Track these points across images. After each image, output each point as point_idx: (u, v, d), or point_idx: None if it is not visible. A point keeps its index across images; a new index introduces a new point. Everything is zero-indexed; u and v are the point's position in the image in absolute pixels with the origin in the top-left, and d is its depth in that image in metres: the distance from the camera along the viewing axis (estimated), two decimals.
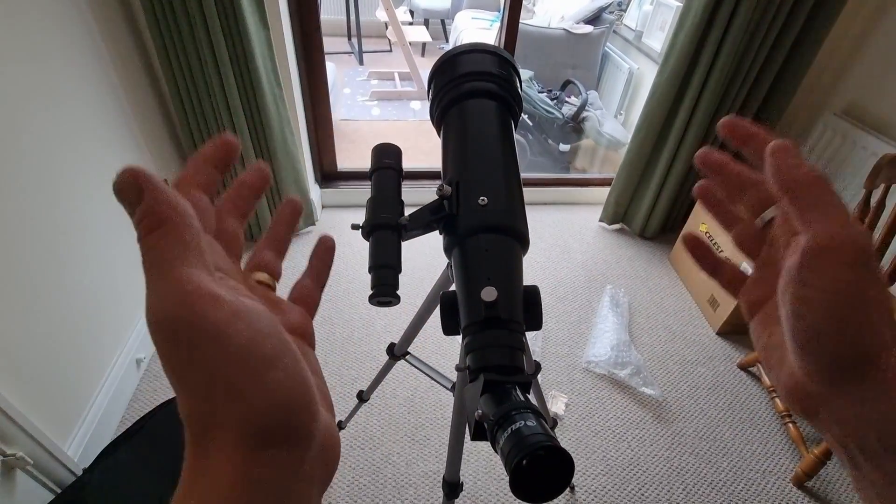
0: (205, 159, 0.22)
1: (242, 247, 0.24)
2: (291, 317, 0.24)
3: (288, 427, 0.17)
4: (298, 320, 0.24)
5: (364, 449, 1.30)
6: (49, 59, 1.09)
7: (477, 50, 0.45)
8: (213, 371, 0.16)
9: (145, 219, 0.17)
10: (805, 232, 0.20)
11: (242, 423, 0.16)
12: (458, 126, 0.42)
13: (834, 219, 0.20)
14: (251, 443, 0.16)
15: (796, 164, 0.22)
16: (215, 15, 1.34)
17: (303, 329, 0.24)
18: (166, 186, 0.18)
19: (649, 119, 1.81)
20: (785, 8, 1.55)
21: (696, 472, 1.31)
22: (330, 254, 0.28)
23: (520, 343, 0.32)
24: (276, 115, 1.62)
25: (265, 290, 0.24)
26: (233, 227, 0.24)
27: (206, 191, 0.22)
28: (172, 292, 0.16)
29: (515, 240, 0.35)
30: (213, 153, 0.22)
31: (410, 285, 1.73)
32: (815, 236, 0.20)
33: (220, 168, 0.23)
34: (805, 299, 0.20)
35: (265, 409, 0.16)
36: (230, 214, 0.24)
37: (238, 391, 0.16)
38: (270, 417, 0.16)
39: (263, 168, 0.25)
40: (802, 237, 0.20)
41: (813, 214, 0.20)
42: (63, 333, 1.11)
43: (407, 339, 0.84)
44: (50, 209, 1.07)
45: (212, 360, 0.16)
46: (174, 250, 0.16)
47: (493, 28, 3.56)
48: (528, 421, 0.26)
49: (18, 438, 0.96)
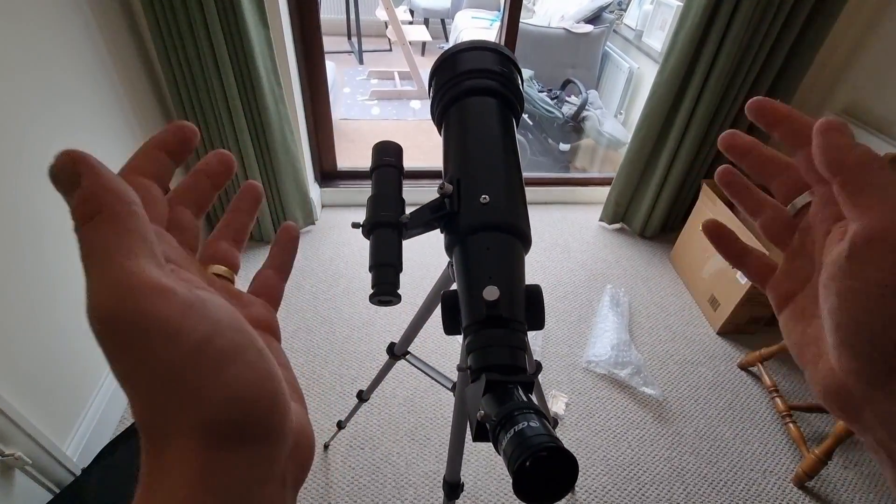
0: (156, 145, 0.20)
1: (198, 239, 0.23)
2: (253, 310, 0.22)
3: (252, 424, 0.15)
4: (261, 313, 0.23)
5: (364, 449, 1.29)
6: (48, 56, 1.09)
7: (478, 47, 0.44)
8: (165, 372, 0.14)
9: (81, 206, 0.15)
10: (855, 219, 0.19)
11: (200, 425, 0.15)
12: (459, 124, 0.42)
13: (889, 205, 0.18)
14: (211, 444, 0.15)
15: (848, 145, 0.20)
16: (215, 13, 1.33)
17: (266, 322, 0.22)
18: (108, 171, 0.16)
19: (649, 118, 1.81)
20: (785, 7, 1.55)
21: (696, 472, 1.31)
22: (293, 243, 0.26)
23: (522, 343, 0.32)
24: (276, 113, 1.62)
25: (224, 283, 0.23)
26: (188, 217, 0.22)
27: (156, 179, 0.20)
28: (115, 286, 0.14)
29: (517, 238, 0.35)
30: (166, 138, 0.21)
31: (411, 284, 1.73)
32: (868, 224, 0.18)
33: (174, 155, 0.21)
34: (853, 291, 0.19)
35: (223, 406, 0.15)
36: (185, 205, 0.22)
37: (193, 391, 0.14)
38: (230, 415, 0.15)
39: (225, 156, 0.24)
40: (853, 224, 0.19)
41: (865, 200, 0.19)
42: (62, 333, 1.11)
43: (407, 339, 0.84)
44: (48, 209, 1.07)
45: (163, 360, 0.14)
46: (116, 240, 0.15)
47: (494, 27, 3.56)
48: (530, 422, 0.26)
49: (17, 438, 0.95)
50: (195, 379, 0.14)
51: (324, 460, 1.26)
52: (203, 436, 0.15)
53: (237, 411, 0.15)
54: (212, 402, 0.15)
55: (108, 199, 0.15)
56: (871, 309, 0.18)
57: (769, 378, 1.47)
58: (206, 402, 0.15)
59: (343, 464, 1.26)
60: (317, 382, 1.44)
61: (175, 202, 0.22)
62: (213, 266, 0.23)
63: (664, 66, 1.70)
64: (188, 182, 0.23)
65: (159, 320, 0.14)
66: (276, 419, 0.16)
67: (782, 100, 1.48)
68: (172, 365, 0.14)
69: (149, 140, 0.21)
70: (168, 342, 0.14)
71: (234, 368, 0.15)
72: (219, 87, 1.49)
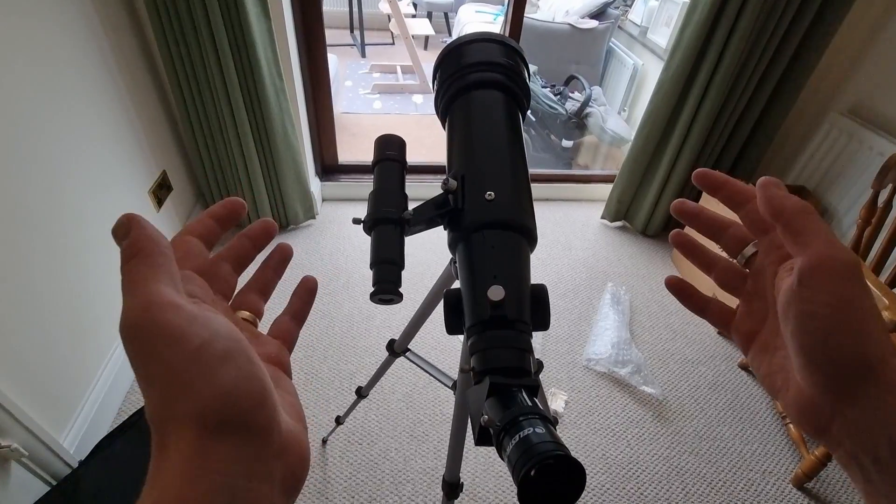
0: (208, 214, 0.27)
1: (233, 288, 0.28)
2: (268, 348, 0.26)
3: (241, 419, 0.18)
4: (275, 352, 0.26)
5: (362, 444, 1.29)
6: (47, 45, 1.07)
7: (484, 39, 0.43)
8: (172, 370, 0.17)
9: (126, 249, 0.20)
10: (800, 254, 0.23)
11: (196, 416, 0.17)
12: (463, 118, 0.41)
13: (824, 240, 0.22)
14: (204, 432, 0.17)
15: (784, 196, 0.25)
16: (216, 3, 1.32)
17: (278, 359, 0.26)
18: (151, 227, 0.21)
19: (653, 116, 1.79)
20: (792, 6, 1.53)
21: (695, 471, 1.31)
22: (311, 295, 0.30)
23: (528, 344, 0.31)
24: (277, 106, 1.60)
25: (247, 325, 0.27)
26: (226, 269, 0.27)
27: (202, 238, 0.26)
28: (139, 303, 0.18)
29: (523, 236, 0.34)
30: (217, 210, 0.27)
31: (412, 280, 1.72)
32: (810, 257, 0.22)
33: (222, 223, 0.27)
34: (809, 314, 0.22)
35: (217, 401, 0.17)
36: (227, 261, 0.28)
37: (192, 386, 0.17)
38: (222, 409, 0.17)
39: (268, 224, 0.29)
40: (799, 259, 0.23)
41: (805, 238, 0.23)
42: (60, 325, 1.10)
43: (407, 336, 0.83)
44: (50, 203, 1.06)
45: (171, 360, 0.17)
46: (146, 271, 0.19)
47: (497, 22, 3.53)
48: (536, 428, 0.25)
49: (13, 430, 0.95)
50: (194, 376, 0.17)
51: (322, 455, 1.26)
52: (197, 425, 0.17)
53: (227, 405, 0.18)
54: (206, 396, 0.17)
55: (145, 244, 0.20)
56: (825, 327, 0.21)
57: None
58: (202, 395, 0.17)
59: (341, 459, 1.25)
60: (315, 377, 1.44)
61: (219, 258, 0.28)
62: (240, 311, 0.28)
63: (669, 63, 1.68)
64: (234, 243, 0.28)
65: (170, 327, 0.18)
66: (262, 417, 0.19)
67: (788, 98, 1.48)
68: (177, 363, 0.17)
69: (206, 210, 0.27)
70: (174, 344, 0.17)
71: (227, 369, 0.18)
72: (220, 79, 1.47)
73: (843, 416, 0.22)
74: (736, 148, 1.91)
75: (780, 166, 2.07)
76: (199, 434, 0.17)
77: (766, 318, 0.28)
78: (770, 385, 0.26)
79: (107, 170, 1.29)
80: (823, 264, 0.22)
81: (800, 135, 1.96)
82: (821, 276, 0.22)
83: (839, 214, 1.78)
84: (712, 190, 0.30)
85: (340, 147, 2.13)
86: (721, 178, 0.30)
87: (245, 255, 0.28)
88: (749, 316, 0.29)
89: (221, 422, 0.17)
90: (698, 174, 0.30)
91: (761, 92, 1.75)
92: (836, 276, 0.22)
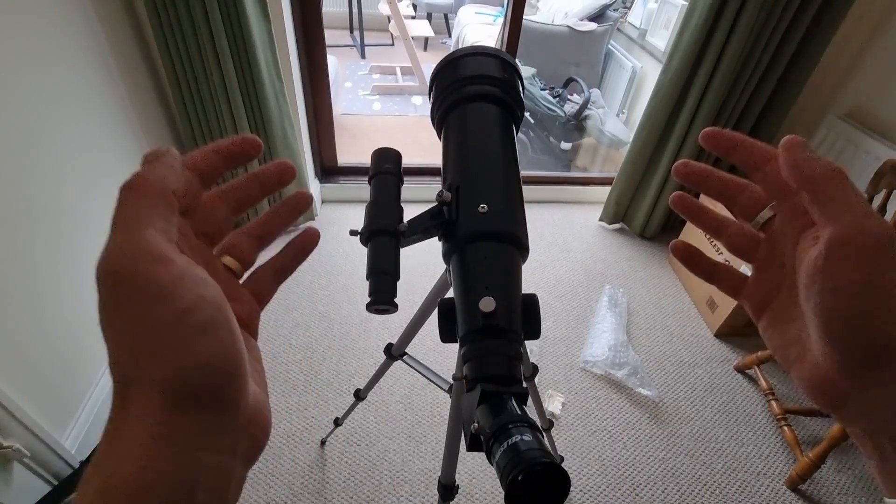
0: (215, 149, 0.23)
1: (223, 233, 0.25)
2: (244, 307, 0.24)
3: (212, 391, 0.17)
4: (247, 312, 0.24)
5: (360, 446, 1.30)
6: (48, 48, 1.08)
7: (479, 53, 0.44)
8: (148, 330, 0.16)
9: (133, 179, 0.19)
10: (827, 225, 0.21)
11: (166, 382, 0.16)
12: (458, 130, 0.42)
13: (855, 211, 0.20)
14: (171, 401, 0.16)
15: (812, 159, 0.22)
16: (216, 5, 1.32)
17: (248, 320, 0.24)
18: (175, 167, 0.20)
19: (652, 118, 1.81)
20: (791, 9, 1.54)
21: (690, 473, 1.32)
22: (305, 253, 0.27)
23: (518, 353, 0.32)
24: (277, 108, 1.61)
25: (227, 275, 0.24)
26: (219, 213, 0.24)
27: (201, 174, 0.23)
28: (128, 247, 0.17)
29: (515, 248, 0.35)
30: (223, 144, 0.23)
31: (409, 283, 1.73)
32: (838, 230, 0.20)
33: (227, 159, 0.23)
34: (833, 290, 0.20)
35: (191, 372, 0.17)
36: (226, 200, 0.24)
37: (167, 352, 0.16)
38: (194, 379, 0.17)
39: (284, 167, 0.25)
40: (826, 230, 0.21)
41: (834, 207, 0.21)
42: (61, 325, 1.11)
43: (404, 340, 0.84)
44: (51, 203, 1.07)
45: (149, 318, 0.16)
46: (143, 211, 0.18)
47: (497, 23, 3.54)
48: (524, 435, 0.26)
49: (15, 430, 0.96)
50: (173, 340, 0.16)
51: (320, 456, 1.27)
52: (166, 392, 0.16)
53: (202, 378, 0.17)
54: (179, 365, 0.16)
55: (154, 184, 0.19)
56: (851, 305, 0.20)
57: (765, 381, 1.47)
58: (175, 363, 0.16)
59: (339, 460, 1.26)
60: (315, 378, 1.45)
61: (217, 196, 0.24)
62: (224, 257, 0.24)
63: (668, 65, 1.69)
64: (238, 182, 0.25)
65: (155, 284, 0.16)
66: (232, 392, 0.18)
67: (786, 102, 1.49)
68: (157, 323, 0.16)
69: (213, 142, 0.24)
70: (158, 303, 0.16)
71: (206, 339, 0.17)
72: (219, 81, 1.48)
73: (861, 394, 0.21)
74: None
75: None
76: (165, 403, 0.16)
77: (782, 287, 0.26)
78: (783, 357, 0.25)
79: (107, 171, 1.29)
80: (853, 238, 0.20)
81: None
82: (849, 251, 0.20)
83: None
84: (725, 152, 0.27)
85: (340, 148, 2.14)
86: (735, 136, 0.26)
87: (247, 198, 0.25)
88: (762, 283, 0.27)
89: (191, 393, 0.17)
90: (706, 134, 0.27)
91: (759, 95, 1.76)
92: (866, 252, 0.20)
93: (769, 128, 1.86)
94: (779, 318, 0.26)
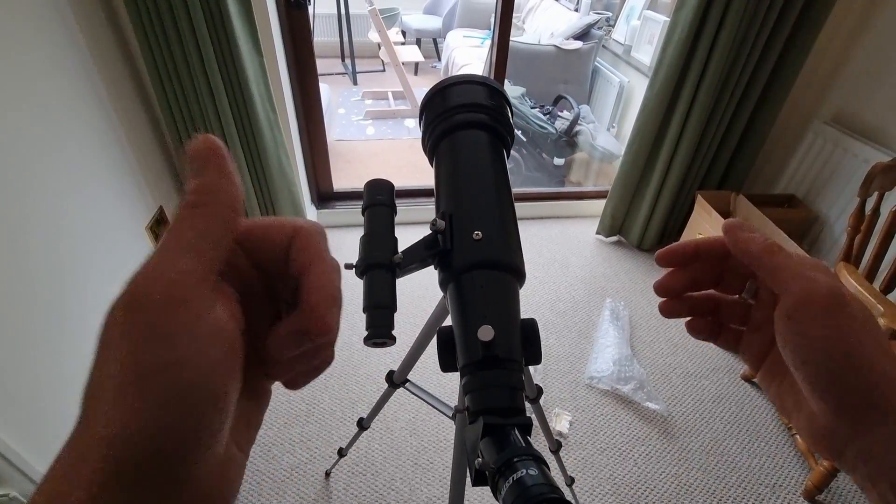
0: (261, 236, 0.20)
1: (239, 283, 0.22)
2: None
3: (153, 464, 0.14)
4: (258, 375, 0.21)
5: (366, 475, 1.27)
6: (44, 91, 1.10)
7: (468, 81, 0.45)
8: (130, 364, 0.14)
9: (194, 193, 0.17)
10: (781, 292, 0.23)
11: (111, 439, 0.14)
12: (449, 158, 0.42)
13: (798, 275, 0.23)
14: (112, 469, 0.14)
15: (749, 238, 0.25)
16: (209, 42, 1.35)
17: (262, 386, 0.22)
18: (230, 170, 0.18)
19: (642, 131, 1.83)
20: (770, 19, 1.58)
21: (704, 488, 1.29)
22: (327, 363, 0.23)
23: (519, 382, 0.31)
24: (271, 138, 1.63)
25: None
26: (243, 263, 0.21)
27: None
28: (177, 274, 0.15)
29: (511, 274, 0.35)
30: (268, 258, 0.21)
31: (409, 306, 1.72)
32: (791, 295, 0.23)
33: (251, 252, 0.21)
34: (806, 347, 0.22)
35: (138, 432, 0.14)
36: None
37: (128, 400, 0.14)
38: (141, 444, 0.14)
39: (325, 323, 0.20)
40: (783, 297, 0.23)
41: (784, 275, 0.23)
42: (58, 368, 1.09)
43: (405, 368, 0.83)
44: (49, 244, 1.07)
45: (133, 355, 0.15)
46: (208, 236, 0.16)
47: (485, 46, 3.61)
48: (529, 469, 0.25)
49: (12, 478, 0.94)
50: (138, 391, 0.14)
51: (325, 488, 1.24)
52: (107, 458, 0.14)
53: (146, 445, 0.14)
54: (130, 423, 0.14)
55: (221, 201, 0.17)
56: (824, 358, 0.21)
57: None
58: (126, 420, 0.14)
59: (345, 492, 1.23)
60: (317, 408, 1.42)
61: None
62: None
63: (654, 79, 1.72)
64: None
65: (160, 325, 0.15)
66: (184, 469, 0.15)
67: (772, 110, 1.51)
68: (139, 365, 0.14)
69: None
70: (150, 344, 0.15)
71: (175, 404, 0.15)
72: (214, 114, 1.50)
73: (857, 442, 0.22)
74: (725, 159, 1.94)
75: (768, 176, 2.10)
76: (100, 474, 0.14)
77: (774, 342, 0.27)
78: (781, 407, 0.26)
79: (105, 207, 1.30)
80: (805, 301, 0.22)
81: (786, 145, 2.00)
82: (807, 312, 0.22)
83: (830, 221, 1.80)
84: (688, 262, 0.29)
85: (335, 174, 2.16)
86: (687, 246, 0.29)
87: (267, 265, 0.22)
88: (756, 339, 0.28)
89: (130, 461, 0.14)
90: (660, 257, 0.29)
91: (745, 104, 1.79)
92: (821, 310, 0.22)
93: (758, 136, 1.88)
94: (774, 371, 0.27)
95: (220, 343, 0.17)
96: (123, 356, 0.15)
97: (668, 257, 0.29)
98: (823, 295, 0.22)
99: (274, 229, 0.21)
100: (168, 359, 0.15)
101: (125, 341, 0.15)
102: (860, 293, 1.08)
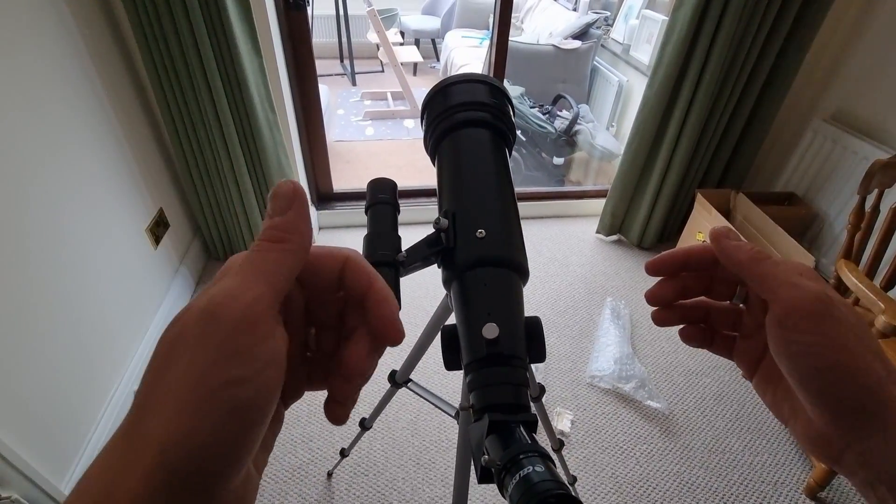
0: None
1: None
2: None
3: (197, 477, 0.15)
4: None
5: (368, 476, 1.27)
6: (44, 94, 1.10)
7: (468, 80, 0.45)
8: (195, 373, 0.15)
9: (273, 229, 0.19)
10: (770, 300, 0.23)
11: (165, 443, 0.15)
12: (451, 156, 0.42)
13: (786, 283, 0.23)
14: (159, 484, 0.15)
15: (736, 246, 0.25)
16: (208, 43, 1.35)
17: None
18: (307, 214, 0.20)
19: (641, 130, 1.83)
20: (769, 17, 1.58)
21: (706, 486, 1.29)
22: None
23: (524, 379, 0.31)
24: (271, 139, 1.63)
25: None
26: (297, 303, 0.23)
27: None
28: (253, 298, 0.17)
29: (514, 272, 0.35)
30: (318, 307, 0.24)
31: (411, 306, 1.72)
32: (779, 303, 0.23)
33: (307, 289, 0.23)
34: (798, 354, 0.22)
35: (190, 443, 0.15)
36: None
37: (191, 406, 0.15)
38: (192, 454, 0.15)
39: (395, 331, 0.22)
40: (772, 304, 0.23)
41: (772, 283, 0.23)
42: (59, 370, 1.09)
43: (408, 367, 0.83)
44: (48, 246, 1.07)
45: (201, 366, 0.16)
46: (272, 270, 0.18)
47: (483, 46, 3.62)
48: (536, 466, 0.25)
49: (13, 480, 0.94)
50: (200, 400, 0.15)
51: (328, 489, 1.24)
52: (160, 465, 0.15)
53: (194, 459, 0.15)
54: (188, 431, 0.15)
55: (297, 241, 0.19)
56: (816, 364, 0.22)
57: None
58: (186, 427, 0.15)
59: (347, 492, 1.23)
60: (319, 408, 1.42)
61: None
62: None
63: (653, 78, 1.72)
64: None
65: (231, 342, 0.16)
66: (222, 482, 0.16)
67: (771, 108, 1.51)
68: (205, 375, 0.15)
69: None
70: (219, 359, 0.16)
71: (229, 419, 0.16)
72: (213, 116, 1.50)
73: (854, 448, 0.22)
74: (724, 157, 1.94)
75: (768, 174, 2.10)
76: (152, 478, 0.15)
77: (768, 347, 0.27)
78: (778, 413, 0.26)
79: (104, 209, 1.30)
80: (794, 309, 0.22)
81: (785, 142, 2.00)
82: (796, 320, 0.22)
83: (830, 218, 1.80)
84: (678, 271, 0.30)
85: (335, 175, 2.16)
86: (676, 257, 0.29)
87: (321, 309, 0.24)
88: (750, 346, 0.29)
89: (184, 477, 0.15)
90: (649, 267, 0.30)
91: (744, 102, 1.79)
92: (810, 316, 0.22)
93: (757, 134, 1.89)
94: (769, 377, 0.27)
95: (275, 366, 0.18)
96: (195, 365, 0.16)
97: (657, 267, 0.30)
98: (811, 301, 0.22)
99: (326, 258, 0.22)
100: (237, 375, 0.16)
101: (199, 350, 0.16)
102: (861, 290, 1.09)
